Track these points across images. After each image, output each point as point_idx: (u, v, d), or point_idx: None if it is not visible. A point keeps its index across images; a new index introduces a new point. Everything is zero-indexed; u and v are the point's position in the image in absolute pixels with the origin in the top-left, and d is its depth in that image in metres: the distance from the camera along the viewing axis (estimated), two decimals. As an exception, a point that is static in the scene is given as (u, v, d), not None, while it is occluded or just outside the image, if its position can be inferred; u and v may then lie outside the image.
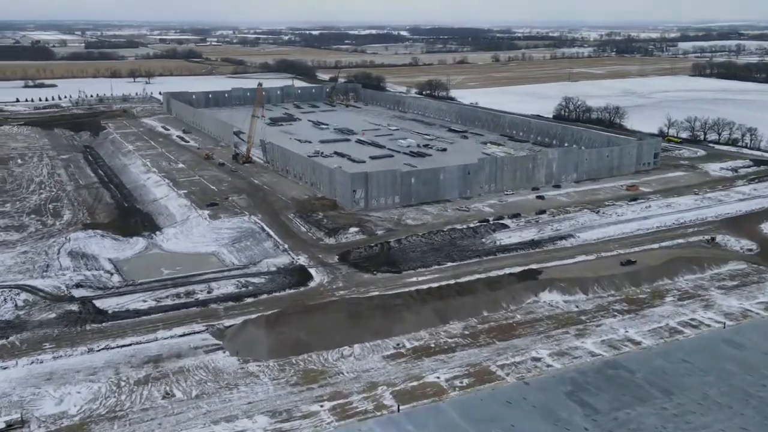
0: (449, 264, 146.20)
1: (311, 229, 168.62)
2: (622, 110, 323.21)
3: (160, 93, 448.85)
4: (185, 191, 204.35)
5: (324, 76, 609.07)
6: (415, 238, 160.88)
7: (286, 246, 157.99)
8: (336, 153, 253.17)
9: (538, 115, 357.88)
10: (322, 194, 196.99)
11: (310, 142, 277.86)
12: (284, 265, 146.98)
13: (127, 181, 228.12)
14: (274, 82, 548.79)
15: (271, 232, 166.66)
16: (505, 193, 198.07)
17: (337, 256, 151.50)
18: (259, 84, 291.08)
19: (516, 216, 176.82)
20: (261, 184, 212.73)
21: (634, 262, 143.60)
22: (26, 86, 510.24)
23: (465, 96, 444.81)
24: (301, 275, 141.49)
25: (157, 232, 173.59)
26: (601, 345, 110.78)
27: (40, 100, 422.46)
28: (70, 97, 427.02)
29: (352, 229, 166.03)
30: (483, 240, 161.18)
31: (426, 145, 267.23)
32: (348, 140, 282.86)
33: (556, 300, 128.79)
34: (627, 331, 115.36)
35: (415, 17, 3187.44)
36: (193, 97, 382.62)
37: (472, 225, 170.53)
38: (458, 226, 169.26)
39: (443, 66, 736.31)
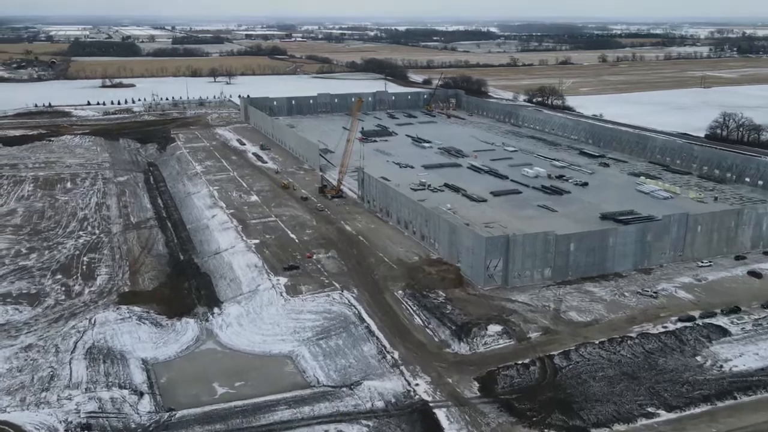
0: (663, 415, 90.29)
1: (430, 322, 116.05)
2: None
3: (239, 96, 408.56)
4: (256, 241, 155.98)
5: (416, 77, 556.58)
6: (592, 351, 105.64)
7: (395, 355, 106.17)
8: (447, 185, 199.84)
9: (684, 134, 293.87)
10: (438, 256, 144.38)
11: (411, 167, 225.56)
12: (396, 397, 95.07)
13: (188, 219, 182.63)
14: (364, 84, 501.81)
15: (373, 326, 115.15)
16: (699, 264, 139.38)
17: (476, 383, 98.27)
18: (359, 99, 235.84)
19: (734, 311, 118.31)
20: (355, 232, 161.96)
21: None
22: (103, 86, 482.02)
23: (582, 104, 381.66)
24: (424, 426, 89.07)
25: (215, 310, 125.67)
26: None
27: (112, 103, 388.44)
28: (144, 100, 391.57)
29: (493, 329, 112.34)
30: (697, 359, 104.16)
31: (560, 177, 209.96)
32: (458, 165, 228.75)
33: None
34: None
35: (500, 12, 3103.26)
36: (274, 103, 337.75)
37: (670, 326, 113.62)
38: (651, 329, 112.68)
39: (545, 67, 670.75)
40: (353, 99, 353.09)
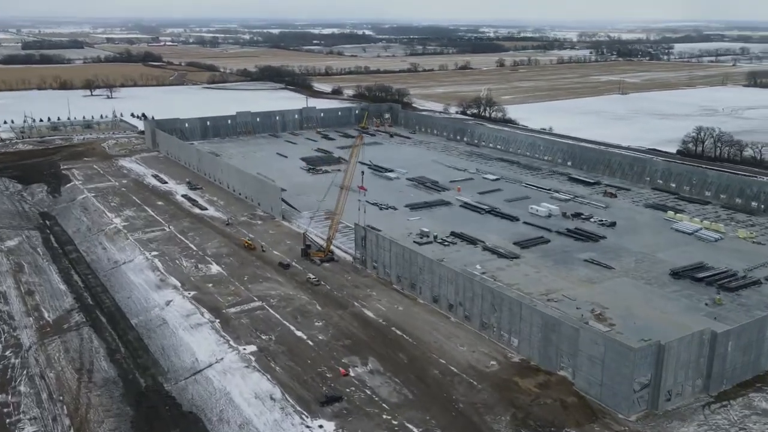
0: None
1: (595, 497, 76.01)
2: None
3: (133, 115, 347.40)
4: (252, 347, 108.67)
5: (321, 86, 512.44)
6: None
7: None
8: (454, 234, 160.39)
9: (654, 149, 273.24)
10: (521, 356, 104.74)
11: (394, 208, 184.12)
12: None
13: (129, 307, 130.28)
14: (265, 95, 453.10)
15: None
16: None
17: None
18: (360, 136, 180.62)
19: None
20: (383, 321, 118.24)
21: None
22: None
23: (518, 116, 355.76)
24: None
25: (238, 495, 78.43)
26: None
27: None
28: (12, 122, 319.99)
29: (702, 506, 74.14)
30: None
31: (577, 215, 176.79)
32: (447, 203, 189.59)
33: None
34: None
35: (359, 12, 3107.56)
36: (186, 125, 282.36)
37: None
38: None
39: (448, 72, 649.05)
40: (277, 117, 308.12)
